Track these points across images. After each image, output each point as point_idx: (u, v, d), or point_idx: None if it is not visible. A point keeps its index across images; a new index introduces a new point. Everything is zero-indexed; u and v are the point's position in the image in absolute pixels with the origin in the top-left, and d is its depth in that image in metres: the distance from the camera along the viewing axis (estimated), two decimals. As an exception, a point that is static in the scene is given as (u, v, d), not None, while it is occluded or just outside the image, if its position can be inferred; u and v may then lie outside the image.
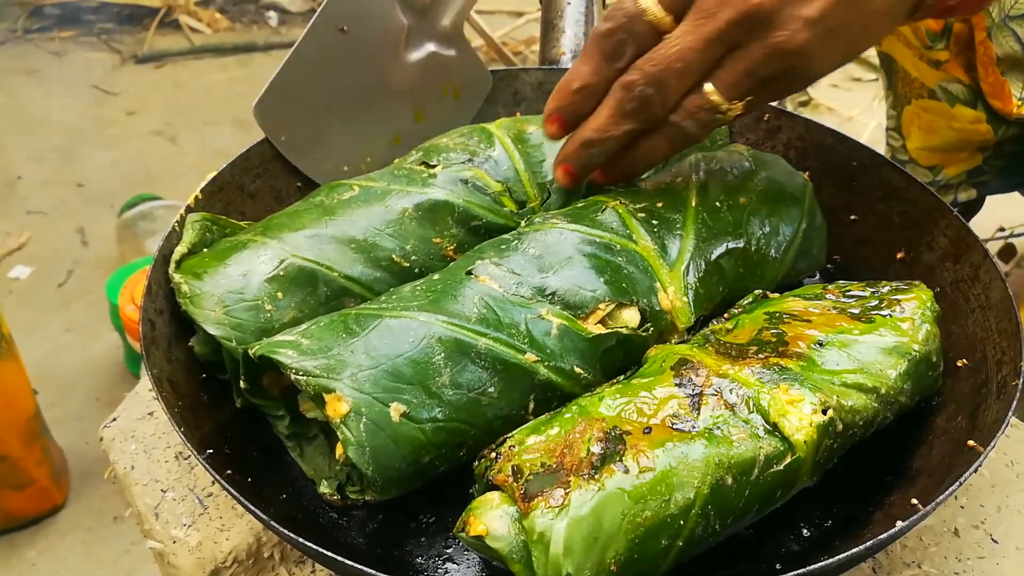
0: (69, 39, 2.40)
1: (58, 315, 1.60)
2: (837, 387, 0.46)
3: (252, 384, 0.50)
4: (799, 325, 0.49)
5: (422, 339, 0.47)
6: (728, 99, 0.51)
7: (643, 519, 0.40)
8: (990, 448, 0.45)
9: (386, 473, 0.45)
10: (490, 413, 0.47)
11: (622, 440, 0.42)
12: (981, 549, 0.53)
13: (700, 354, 0.48)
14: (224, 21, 2.49)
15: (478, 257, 0.52)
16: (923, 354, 0.50)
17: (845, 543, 0.46)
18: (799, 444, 0.44)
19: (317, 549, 0.41)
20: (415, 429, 0.45)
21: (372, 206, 0.56)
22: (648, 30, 0.51)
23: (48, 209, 1.84)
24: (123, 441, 0.59)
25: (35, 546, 1.24)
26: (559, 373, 0.48)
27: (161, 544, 0.54)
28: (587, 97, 0.54)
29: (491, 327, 0.48)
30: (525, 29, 2.37)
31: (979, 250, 0.57)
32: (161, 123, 2.10)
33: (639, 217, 0.55)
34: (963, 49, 0.85)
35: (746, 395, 0.45)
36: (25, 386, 1.20)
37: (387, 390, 0.45)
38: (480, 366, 0.47)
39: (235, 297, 0.52)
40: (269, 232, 0.55)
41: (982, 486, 0.56)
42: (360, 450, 0.44)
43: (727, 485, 0.42)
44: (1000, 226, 1.37)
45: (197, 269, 0.54)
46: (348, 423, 0.44)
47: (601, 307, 0.50)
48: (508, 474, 0.42)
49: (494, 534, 0.41)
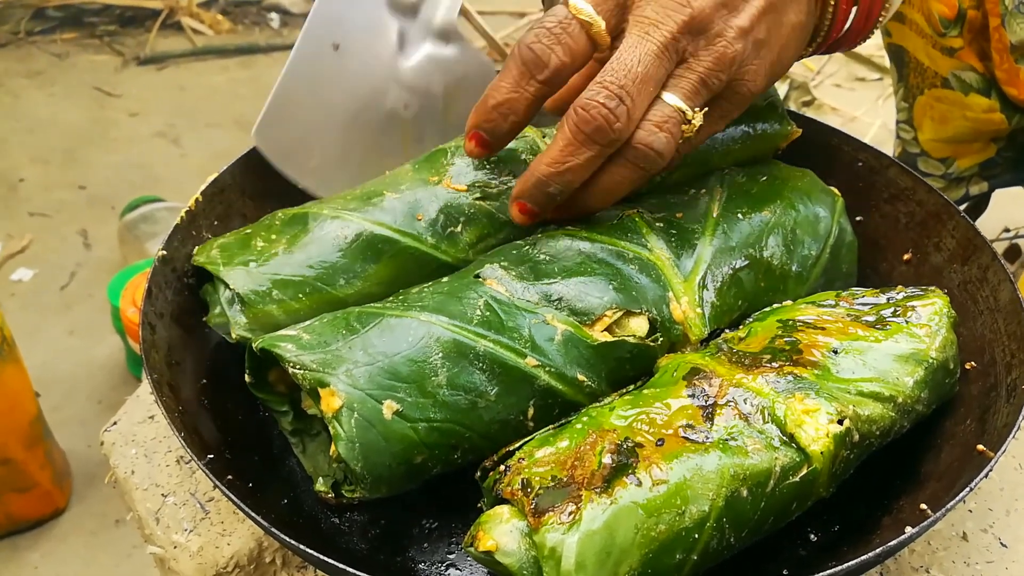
0: (71, 41, 2.40)
1: (60, 318, 1.59)
2: (853, 396, 0.45)
3: (257, 379, 0.51)
4: (813, 333, 0.49)
5: (421, 339, 0.46)
6: (690, 107, 0.49)
7: (657, 533, 0.40)
8: (1000, 453, 0.45)
9: (375, 470, 0.45)
10: (487, 416, 0.46)
11: (634, 452, 0.41)
12: (990, 553, 0.52)
13: (713, 363, 0.47)
14: (226, 23, 2.49)
15: (488, 261, 0.51)
16: (940, 361, 0.49)
17: (853, 549, 0.46)
18: (816, 455, 0.43)
19: (318, 556, 0.41)
20: (408, 428, 0.45)
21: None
22: (580, 37, 0.49)
23: (50, 211, 1.84)
24: (123, 445, 0.59)
25: (37, 549, 1.24)
26: (561, 379, 0.48)
27: (162, 549, 0.53)
28: (505, 117, 0.50)
29: (492, 329, 0.47)
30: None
31: (987, 252, 0.56)
32: (163, 125, 2.10)
33: (656, 227, 0.54)
34: (976, 36, 0.85)
35: (761, 405, 0.44)
36: (27, 389, 1.19)
37: (382, 387, 0.45)
38: (478, 368, 0.46)
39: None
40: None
41: (991, 489, 0.56)
42: (350, 445, 0.44)
43: (742, 497, 0.41)
44: (1005, 227, 1.36)
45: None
46: (340, 418, 0.44)
47: (608, 314, 0.49)
48: (517, 487, 0.41)
49: (504, 550, 0.40)
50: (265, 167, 0.65)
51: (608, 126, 0.47)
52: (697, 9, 0.48)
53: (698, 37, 0.49)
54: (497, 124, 0.51)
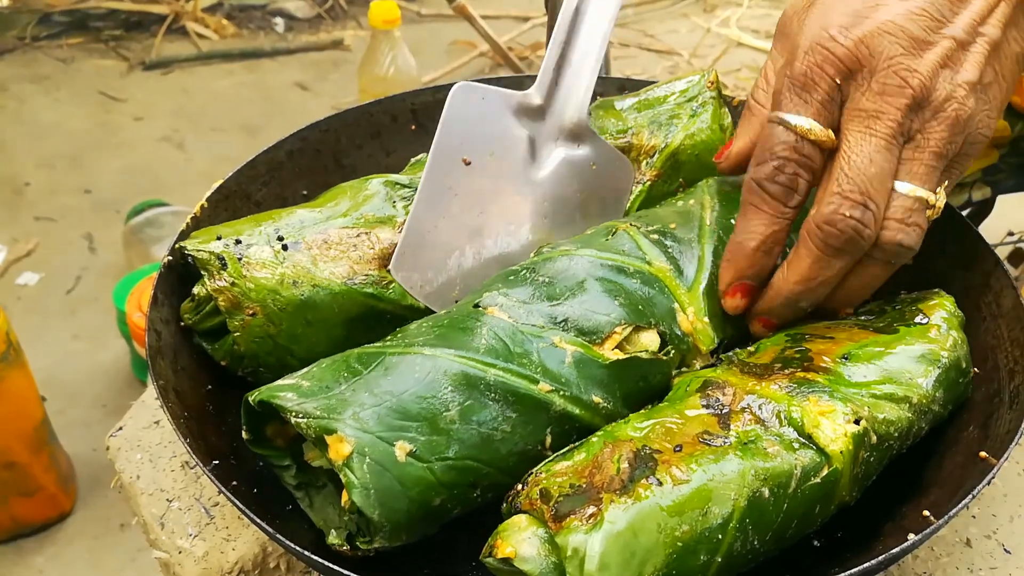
0: (77, 46, 2.41)
1: (66, 322, 1.60)
2: (867, 399, 0.45)
3: (255, 434, 0.48)
4: (822, 342, 0.49)
5: (428, 373, 0.45)
6: (931, 190, 0.46)
7: (681, 533, 0.39)
8: (1003, 460, 0.44)
9: (394, 517, 0.43)
10: (504, 449, 0.45)
11: (653, 458, 0.41)
12: (993, 559, 0.52)
13: (725, 375, 0.47)
14: (231, 27, 2.50)
15: (486, 290, 0.50)
16: (952, 360, 0.49)
17: (856, 555, 0.46)
18: (835, 455, 0.43)
19: (323, 562, 0.41)
20: (423, 469, 0.43)
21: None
22: (816, 154, 0.47)
23: (56, 216, 1.84)
24: (129, 450, 0.59)
25: (43, 552, 1.25)
26: (577, 403, 0.46)
27: (167, 554, 0.53)
28: (769, 252, 0.49)
29: (500, 357, 0.46)
30: (531, 34, 2.38)
31: (990, 257, 0.56)
32: (168, 129, 2.11)
33: (651, 238, 0.53)
34: None
35: (776, 409, 0.44)
36: (33, 393, 1.20)
37: (392, 428, 0.43)
38: (491, 399, 0.45)
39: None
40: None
41: (994, 495, 0.56)
42: (364, 493, 0.42)
43: (764, 498, 0.41)
44: (1009, 231, 1.36)
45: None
46: (351, 465, 0.42)
47: (617, 331, 0.48)
48: (536, 497, 0.40)
49: (522, 555, 0.39)
50: (271, 174, 0.65)
51: (859, 236, 0.46)
52: (917, 87, 0.45)
53: (923, 111, 0.46)
54: (764, 264, 0.49)
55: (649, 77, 1.51)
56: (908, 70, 0.45)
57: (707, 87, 0.64)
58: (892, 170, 0.46)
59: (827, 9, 0.47)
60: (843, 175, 0.46)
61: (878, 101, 0.45)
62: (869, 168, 0.45)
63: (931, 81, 0.45)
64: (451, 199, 0.57)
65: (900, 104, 0.45)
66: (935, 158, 0.46)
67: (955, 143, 0.46)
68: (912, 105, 0.45)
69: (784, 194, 0.48)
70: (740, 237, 0.49)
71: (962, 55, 0.46)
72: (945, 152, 0.46)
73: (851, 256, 0.47)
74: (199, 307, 0.54)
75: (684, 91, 0.64)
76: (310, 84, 2.29)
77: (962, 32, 0.46)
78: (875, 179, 0.45)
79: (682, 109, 0.63)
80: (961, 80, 0.46)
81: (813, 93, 0.46)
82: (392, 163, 0.70)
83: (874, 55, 0.46)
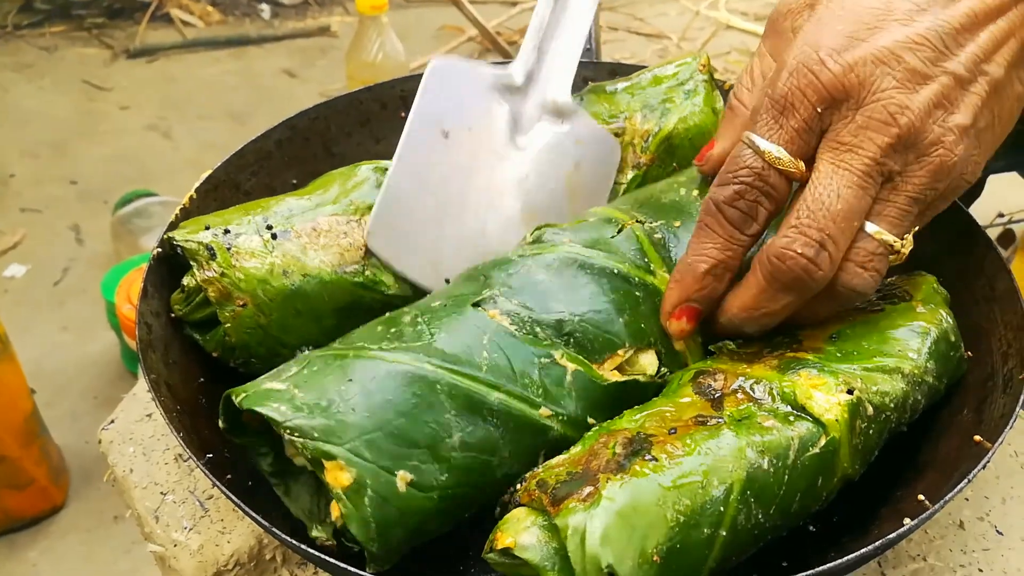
0: (60, 34, 2.38)
1: (54, 313, 1.59)
2: (859, 373, 0.46)
3: (231, 423, 0.47)
4: (811, 327, 0.49)
5: (430, 392, 0.43)
6: (899, 235, 0.43)
7: (682, 507, 0.39)
8: (998, 444, 0.45)
9: (389, 545, 0.42)
10: (499, 473, 0.44)
11: (648, 440, 0.41)
12: (986, 541, 0.53)
13: (714, 363, 0.47)
14: (216, 14, 2.47)
15: (486, 286, 0.48)
16: (940, 332, 0.49)
17: (852, 540, 0.46)
18: (831, 423, 0.43)
19: (318, 554, 0.41)
20: (423, 499, 0.42)
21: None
22: (782, 184, 0.44)
23: (42, 206, 1.83)
24: (122, 443, 0.59)
25: (35, 546, 1.24)
26: (573, 427, 0.45)
27: (162, 547, 0.53)
28: (720, 278, 0.46)
29: (504, 377, 0.45)
30: (519, 19, 2.36)
31: (983, 240, 0.56)
32: (154, 118, 2.09)
33: (655, 240, 0.51)
34: None
35: (768, 386, 0.44)
36: (22, 385, 1.19)
37: (393, 456, 0.42)
38: (492, 424, 0.44)
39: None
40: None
41: (987, 477, 0.56)
42: (365, 526, 0.41)
43: (763, 469, 0.41)
44: (999, 212, 1.37)
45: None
46: (351, 496, 0.41)
47: (620, 353, 0.47)
48: (534, 488, 0.40)
49: (522, 544, 0.39)
50: (259, 163, 0.64)
51: (808, 277, 0.43)
52: (905, 127, 0.41)
53: (907, 152, 0.42)
54: (714, 288, 0.46)
55: (638, 61, 1.51)
56: (899, 106, 0.41)
57: (699, 70, 0.63)
58: (862, 209, 0.43)
59: (822, 25, 0.43)
60: (805, 208, 0.42)
61: (860, 135, 0.42)
62: (835, 204, 0.42)
63: (921, 122, 0.41)
64: (428, 171, 0.57)
65: (882, 142, 0.42)
66: (911, 203, 0.43)
67: (936, 189, 0.43)
68: (896, 145, 0.42)
69: (741, 220, 0.45)
70: (691, 258, 0.46)
71: (959, 95, 0.42)
72: (923, 198, 0.43)
73: (799, 295, 0.44)
74: (189, 298, 0.53)
75: (676, 75, 0.64)
76: (297, 71, 2.28)
77: (963, 69, 0.42)
78: (839, 216, 0.42)
79: (674, 93, 0.63)
80: (953, 124, 0.42)
81: (790, 119, 0.43)
82: (381, 150, 0.69)
83: (863, 85, 0.42)
